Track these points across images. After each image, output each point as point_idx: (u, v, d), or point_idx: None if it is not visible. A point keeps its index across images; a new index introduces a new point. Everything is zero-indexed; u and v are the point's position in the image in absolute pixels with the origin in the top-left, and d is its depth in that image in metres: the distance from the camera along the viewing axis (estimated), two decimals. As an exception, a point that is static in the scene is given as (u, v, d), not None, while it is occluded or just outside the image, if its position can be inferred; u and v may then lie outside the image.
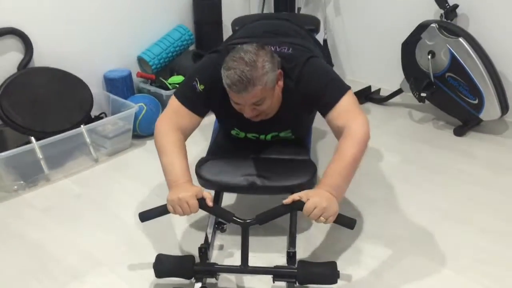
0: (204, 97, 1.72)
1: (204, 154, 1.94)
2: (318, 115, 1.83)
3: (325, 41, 3.38)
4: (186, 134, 1.74)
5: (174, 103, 1.74)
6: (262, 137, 1.89)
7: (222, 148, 1.96)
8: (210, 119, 1.98)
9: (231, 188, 1.82)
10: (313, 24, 2.57)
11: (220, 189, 1.85)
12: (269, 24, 2.21)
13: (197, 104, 1.73)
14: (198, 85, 1.71)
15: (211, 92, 1.71)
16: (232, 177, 1.77)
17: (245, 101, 1.60)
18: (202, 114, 1.77)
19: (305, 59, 1.71)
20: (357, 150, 1.59)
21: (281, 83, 1.68)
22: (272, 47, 1.72)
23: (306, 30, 2.24)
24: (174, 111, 1.74)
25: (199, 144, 2.51)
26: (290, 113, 1.78)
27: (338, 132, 1.65)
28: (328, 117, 1.68)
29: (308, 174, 1.76)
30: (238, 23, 2.60)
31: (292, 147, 1.92)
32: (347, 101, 1.66)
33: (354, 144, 1.59)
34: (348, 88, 1.70)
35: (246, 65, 1.54)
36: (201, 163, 1.84)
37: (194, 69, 1.82)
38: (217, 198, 1.86)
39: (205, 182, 1.78)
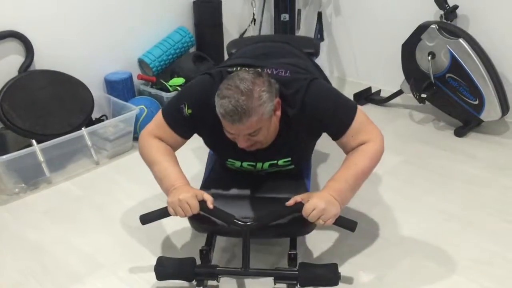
0: (191, 122, 1.65)
1: (198, 181, 1.90)
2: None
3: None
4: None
5: (159, 119, 1.69)
6: (259, 165, 1.76)
7: (217, 184, 1.83)
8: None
9: (225, 234, 1.75)
10: (312, 47, 2.47)
11: (214, 233, 1.75)
12: (267, 47, 2.10)
13: (181, 127, 1.68)
14: (186, 109, 1.63)
15: (199, 118, 1.64)
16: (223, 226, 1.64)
17: (239, 132, 1.51)
18: (186, 137, 1.71)
19: (307, 83, 1.59)
20: (369, 162, 1.58)
21: (279, 112, 1.57)
22: (268, 70, 1.63)
23: (306, 53, 2.16)
24: (158, 127, 1.69)
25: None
26: (289, 142, 1.68)
27: (353, 150, 1.63)
28: (341, 141, 1.64)
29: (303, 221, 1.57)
30: (234, 46, 2.49)
31: (290, 182, 1.82)
32: (359, 122, 1.62)
33: (367, 157, 1.58)
34: (356, 106, 1.65)
35: (241, 95, 1.44)
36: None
37: (184, 89, 1.75)
38: (210, 241, 1.72)
39: (198, 226, 1.69)
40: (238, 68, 1.64)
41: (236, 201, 1.74)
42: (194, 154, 2.52)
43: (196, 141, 1.80)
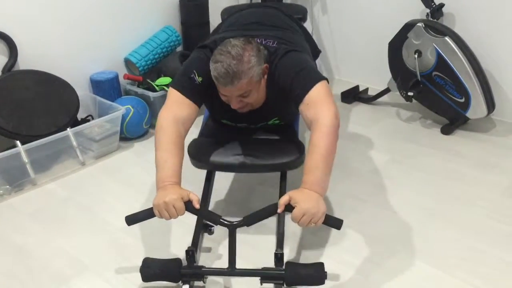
0: (202, 88, 1.76)
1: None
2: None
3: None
4: (186, 125, 1.73)
5: (173, 94, 1.75)
6: (252, 126, 1.98)
7: (213, 131, 2.04)
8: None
9: (223, 167, 1.90)
10: (300, 13, 2.63)
11: (212, 168, 1.93)
12: (257, 14, 2.25)
13: (196, 94, 1.76)
14: (197, 77, 1.74)
15: (208, 84, 1.73)
16: (223, 157, 1.85)
17: (232, 93, 1.67)
18: (200, 104, 1.79)
19: (283, 52, 1.74)
20: (329, 141, 1.58)
21: (266, 76, 1.73)
22: (258, 40, 1.78)
23: (294, 18, 2.29)
24: (174, 101, 1.74)
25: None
26: (275, 104, 1.83)
27: (309, 124, 1.65)
28: (299, 108, 1.69)
29: (296, 152, 1.84)
30: (228, 11, 2.62)
31: (280, 130, 2.00)
32: (317, 92, 1.65)
33: (324, 136, 1.58)
34: (321, 78, 1.68)
35: (232, 59, 1.59)
36: (192, 144, 1.92)
37: (189, 62, 1.83)
38: (209, 177, 1.94)
39: (197, 162, 1.86)
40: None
41: (232, 142, 1.90)
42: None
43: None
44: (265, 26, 2.05)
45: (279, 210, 1.53)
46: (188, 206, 1.55)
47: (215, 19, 3.35)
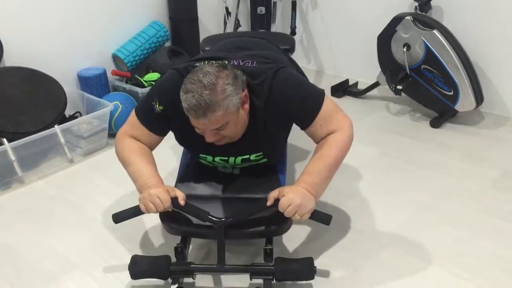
0: (163, 118, 1.63)
1: (175, 178, 1.88)
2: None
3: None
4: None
5: (133, 120, 1.68)
6: (231, 159, 1.73)
7: (191, 181, 1.81)
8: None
9: (199, 235, 1.73)
10: (288, 44, 2.46)
11: (186, 235, 1.71)
12: (242, 42, 2.06)
13: (155, 124, 1.66)
14: (157, 105, 1.61)
15: (170, 114, 1.62)
16: (197, 226, 1.62)
17: (206, 127, 1.49)
18: (161, 134, 1.70)
19: (273, 72, 1.57)
20: (339, 152, 1.57)
21: (247, 106, 1.55)
22: (235, 62, 1.61)
23: (282, 49, 2.12)
24: (132, 127, 1.68)
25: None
26: (259, 134, 1.64)
27: (322, 138, 1.61)
28: (309, 130, 1.62)
29: (282, 219, 1.58)
30: (209, 42, 2.47)
31: (264, 180, 1.79)
32: (327, 110, 1.59)
33: (337, 146, 1.56)
34: (323, 93, 1.63)
35: (204, 89, 1.41)
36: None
37: (154, 87, 1.73)
38: (185, 238, 1.70)
39: (171, 229, 1.65)
40: (206, 62, 1.60)
41: (210, 201, 1.71)
42: (172, 151, 2.49)
43: (173, 139, 1.77)
44: (248, 50, 1.82)
45: (268, 203, 1.52)
46: (174, 202, 1.54)
47: (203, 14, 3.35)
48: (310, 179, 1.54)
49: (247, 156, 1.73)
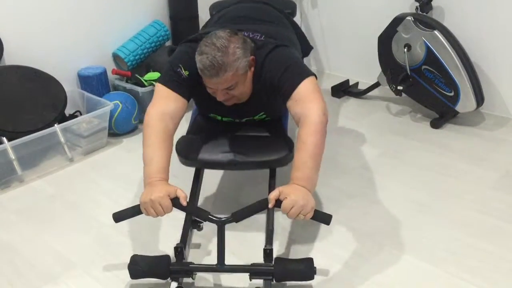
0: (189, 82, 1.74)
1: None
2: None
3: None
4: (175, 120, 1.72)
5: (161, 89, 1.74)
6: (237, 120, 1.96)
7: (201, 127, 2.01)
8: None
9: (211, 165, 1.87)
10: (289, 8, 2.59)
11: (200, 166, 1.91)
12: (246, 8, 2.22)
13: (182, 88, 1.74)
14: (183, 71, 1.72)
15: (195, 78, 1.72)
16: (211, 154, 1.83)
17: (217, 86, 1.65)
18: (188, 98, 1.78)
19: (272, 47, 1.72)
20: (317, 138, 1.58)
21: (253, 69, 1.71)
22: (245, 33, 1.75)
23: (284, 13, 2.27)
24: (161, 97, 1.73)
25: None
26: (261, 98, 1.80)
27: (297, 120, 1.64)
28: (287, 104, 1.68)
29: (285, 149, 1.83)
30: (216, 7, 2.59)
31: (269, 126, 1.97)
32: (305, 88, 1.65)
33: (312, 133, 1.57)
34: (309, 74, 1.68)
35: (217, 51, 1.58)
36: (180, 142, 1.90)
37: (174, 57, 1.81)
38: (198, 173, 1.91)
39: (185, 160, 1.84)
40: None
41: (221, 139, 1.89)
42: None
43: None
44: (253, 20, 2.04)
45: (270, 205, 1.52)
46: (175, 203, 1.54)
47: (204, 13, 3.33)
48: (301, 174, 1.55)
49: (251, 118, 1.95)
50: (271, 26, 2.03)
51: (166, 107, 1.70)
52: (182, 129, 1.92)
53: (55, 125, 2.46)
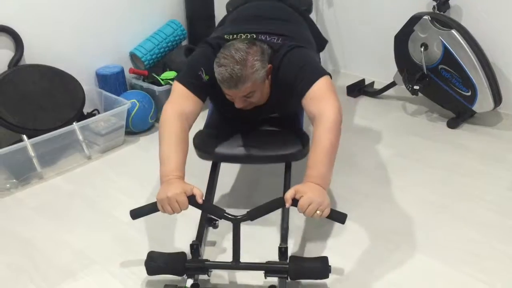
0: (209, 86, 1.77)
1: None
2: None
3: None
4: (190, 120, 1.74)
5: (179, 88, 1.76)
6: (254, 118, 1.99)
7: (218, 122, 2.05)
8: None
9: (228, 158, 1.92)
10: (305, 4, 2.59)
11: (217, 159, 1.95)
12: (261, 6, 2.25)
13: (201, 90, 1.77)
14: (204, 75, 1.75)
15: (214, 82, 1.73)
16: (228, 148, 1.87)
17: (236, 95, 1.69)
18: (204, 100, 1.81)
19: (288, 49, 1.75)
20: (331, 136, 1.58)
21: (270, 76, 1.75)
22: (262, 37, 1.79)
23: (299, 10, 2.29)
24: (179, 95, 1.75)
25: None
26: (278, 100, 1.84)
27: (312, 119, 1.65)
28: (302, 103, 1.69)
29: (300, 144, 1.85)
30: (232, 4, 2.60)
31: (285, 121, 2.01)
32: (320, 87, 1.66)
33: (327, 131, 1.58)
34: (324, 73, 1.69)
35: (236, 63, 1.61)
36: (198, 135, 1.94)
37: (196, 58, 1.84)
38: (214, 169, 1.95)
39: (202, 153, 1.89)
40: (234, 36, 1.82)
41: (238, 133, 1.92)
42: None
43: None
44: (268, 19, 2.06)
45: (286, 205, 1.53)
46: (192, 200, 1.55)
47: (220, 13, 3.33)
48: (315, 172, 1.55)
49: (266, 117, 1.99)
50: (286, 25, 2.04)
51: (183, 107, 1.71)
52: (199, 125, 1.93)
53: (74, 123, 2.50)
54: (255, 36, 1.80)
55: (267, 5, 2.26)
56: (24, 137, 2.36)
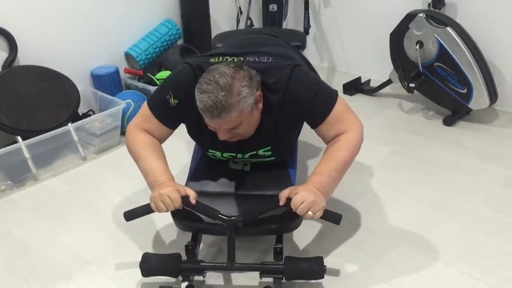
0: (177, 112, 1.65)
1: (184, 174, 1.89)
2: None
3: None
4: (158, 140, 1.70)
5: (145, 112, 1.68)
6: (239, 156, 1.75)
7: (201, 178, 1.82)
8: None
9: (208, 232, 1.74)
10: (299, 40, 2.46)
11: (198, 232, 1.73)
12: (253, 38, 2.06)
13: (168, 117, 1.67)
14: (172, 99, 1.62)
15: (184, 108, 1.63)
16: (208, 223, 1.64)
17: (220, 126, 1.50)
18: (173, 127, 1.71)
19: (290, 69, 1.58)
20: (348, 154, 1.57)
21: (260, 105, 1.55)
22: (251, 58, 1.62)
23: (293, 46, 2.10)
24: (144, 119, 1.68)
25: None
26: (270, 130, 1.65)
27: (331, 139, 1.61)
28: (319, 129, 1.63)
29: (293, 215, 1.55)
30: (219, 40, 2.43)
31: (274, 176, 1.80)
32: (339, 110, 1.60)
33: (348, 148, 1.57)
34: (336, 94, 1.63)
35: (221, 90, 1.41)
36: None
37: (168, 80, 1.71)
38: (196, 236, 1.71)
39: (182, 226, 1.70)
40: (220, 59, 1.63)
41: (221, 198, 1.73)
42: (186, 147, 2.50)
43: (187, 135, 1.78)
44: (260, 45, 1.84)
45: (280, 203, 1.52)
46: (185, 201, 1.54)
47: (215, 12, 3.35)
48: (320, 179, 1.54)
49: (255, 152, 1.73)
50: (278, 48, 1.85)
51: (147, 129, 1.67)
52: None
53: (69, 124, 2.49)
54: (242, 59, 1.61)
55: (261, 37, 2.07)
56: (19, 138, 2.35)
